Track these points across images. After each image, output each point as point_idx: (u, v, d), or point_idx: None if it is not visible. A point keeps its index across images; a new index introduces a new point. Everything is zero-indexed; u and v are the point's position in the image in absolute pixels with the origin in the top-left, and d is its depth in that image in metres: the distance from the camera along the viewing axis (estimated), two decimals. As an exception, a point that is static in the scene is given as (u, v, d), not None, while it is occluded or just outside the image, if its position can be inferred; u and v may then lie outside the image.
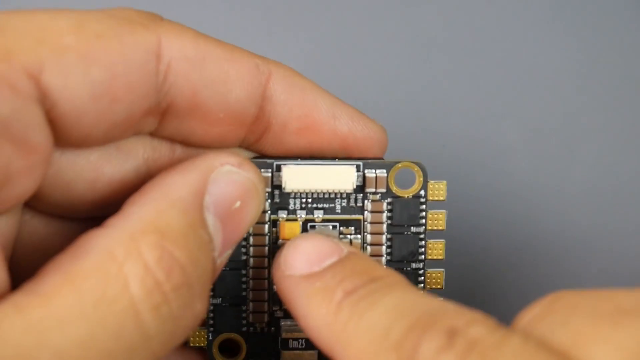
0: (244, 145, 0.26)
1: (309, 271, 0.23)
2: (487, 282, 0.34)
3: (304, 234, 0.26)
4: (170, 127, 0.24)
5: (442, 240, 0.27)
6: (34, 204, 0.24)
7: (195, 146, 0.25)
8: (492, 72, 0.37)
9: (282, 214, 0.26)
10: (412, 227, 0.27)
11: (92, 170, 0.23)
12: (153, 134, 0.24)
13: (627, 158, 0.36)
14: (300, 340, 0.27)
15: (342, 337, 0.21)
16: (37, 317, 0.19)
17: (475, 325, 0.19)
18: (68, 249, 0.21)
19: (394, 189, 0.26)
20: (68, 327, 0.19)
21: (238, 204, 0.23)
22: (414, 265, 0.27)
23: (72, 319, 0.19)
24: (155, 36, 0.22)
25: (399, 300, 0.21)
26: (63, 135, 0.21)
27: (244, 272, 0.27)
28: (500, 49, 0.37)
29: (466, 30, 0.37)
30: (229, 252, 0.24)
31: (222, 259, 0.23)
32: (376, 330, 0.20)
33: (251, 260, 0.26)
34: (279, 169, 0.26)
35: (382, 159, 0.27)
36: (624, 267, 0.35)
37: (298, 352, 0.27)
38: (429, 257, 0.27)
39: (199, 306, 0.21)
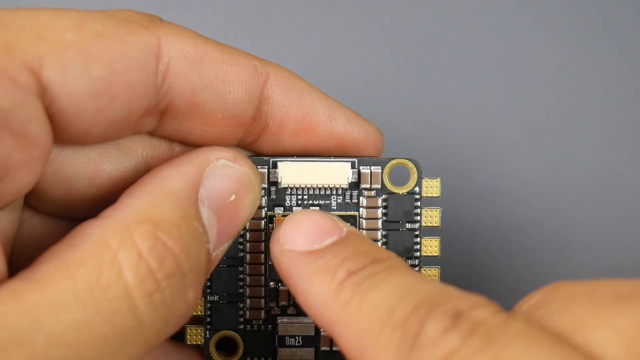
0: (242, 145, 0.26)
1: (310, 248, 0.23)
2: (482, 279, 0.34)
3: (303, 210, 0.26)
4: (169, 127, 0.24)
5: (437, 237, 0.27)
6: (34, 201, 0.24)
7: (193, 145, 0.25)
8: (489, 70, 0.37)
9: (279, 210, 0.27)
10: (407, 224, 0.27)
11: (91, 166, 0.24)
12: (152, 133, 0.25)
13: (625, 157, 0.36)
14: (297, 337, 0.27)
15: (343, 315, 0.21)
16: (32, 301, 0.19)
17: (479, 308, 0.19)
18: (63, 239, 0.21)
19: (389, 186, 0.27)
20: (63, 311, 0.19)
21: (233, 197, 0.23)
22: (409, 261, 0.27)
23: (67, 304, 0.19)
24: (154, 37, 0.23)
25: (403, 283, 0.21)
26: (62, 131, 0.22)
27: (240, 268, 0.27)
28: (497, 46, 0.38)
29: (464, 30, 0.38)
30: (226, 246, 0.24)
31: (218, 252, 0.24)
32: (380, 310, 0.20)
33: (248, 256, 0.27)
34: (275, 165, 0.26)
35: (377, 157, 0.27)
36: (621, 266, 0.35)
37: (295, 349, 0.27)
38: (424, 254, 0.27)
39: (191, 295, 0.22)
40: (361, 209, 0.27)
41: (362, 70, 0.37)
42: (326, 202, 0.27)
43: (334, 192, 0.27)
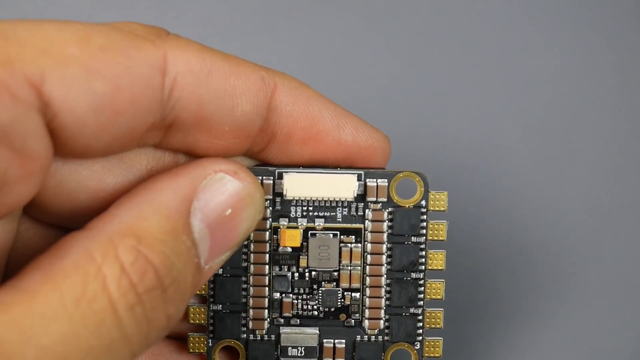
0: (249, 154, 0.26)
1: None
2: (488, 293, 0.34)
3: None
4: (175, 140, 0.24)
5: (443, 250, 0.27)
6: (36, 213, 0.24)
7: (199, 157, 0.25)
8: (496, 78, 0.37)
9: (283, 222, 0.26)
10: (412, 237, 0.27)
11: (94, 180, 0.24)
12: (157, 146, 0.24)
13: (632, 161, 0.36)
14: (299, 348, 0.27)
15: None
16: (20, 313, 0.19)
17: None
18: (49, 249, 0.21)
19: (395, 199, 0.26)
20: (51, 324, 0.19)
21: (229, 211, 0.23)
22: (414, 275, 0.27)
23: (55, 316, 0.19)
24: (161, 51, 0.22)
25: None
26: (64, 146, 0.21)
27: (244, 278, 0.27)
28: (506, 57, 0.37)
29: (473, 41, 0.37)
30: (223, 258, 0.24)
31: (212, 265, 0.23)
32: None
33: (252, 267, 0.27)
34: (280, 176, 0.26)
35: (384, 169, 0.27)
36: (627, 272, 0.35)
37: (297, 359, 0.27)
38: (430, 268, 0.27)
39: (172, 309, 0.22)
40: (367, 221, 0.26)
41: (369, 77, 0.37)
42: (332, 214, 0.27)
43: (340, 205, 0.27)
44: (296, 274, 0.27)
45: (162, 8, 0.36)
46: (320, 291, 0.27)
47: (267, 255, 0.26)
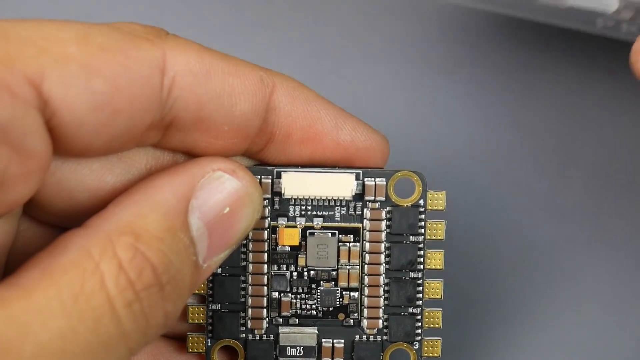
0: (247, 154, 0.26)
1: None
2: (486, 293, 0.34)
3: None
4: (174, 140, 0.24)
5: (441, 250, 0.27)
6: (35, 212, 0.24)
7: (198, 156, 0.25)
8: (497, 81, 0.37)
9: (282, 221, 0.27)
10: (411, 236, 0.27)
11: (94, 179, 0.24)
12: (156, 145, 0.25)
13: (632, 161, 0.36)
14: (298, 347, 0.27)
15: None
16: (18, 308, 0.19)
17: None
18: (48, 247, 0.21)
19: (393, 198, 0.27)
20: (49, 319, 0.19)
21: (227, 210, 0.23)
22: (412, 274, 0.27)
23: (53, 312, 0.19)
24: (160, 51, 0.22)
25: None
26: (63, 144, 0.22)
27: (242, 278, 0.27)
28: (503, 57, 0.37)
29: (469, 39, 0.37)
30: (222, 256, 0.24)
31: (210, 263, 0.24)
32: None
33: (250, 266, 0.27)
34: (279, 175, 0.26)
35: (382, 169, 0.27)
36: (627, 272, 0.35)
37: (296, 359, 0.27)
38: (428, 267, 0.27)
39: (170, 307, 0.22)
40: (365, 221, 0.27)
41: (369, 81, 0.37)
42: (330, 213, 0.27)
43: (338, 204, 0.27)
44: (295, 273, 0.27)
45: (162, 8, 0.36)
46: (318, 290, 0.27)
47: (266, 254, 0.27)
